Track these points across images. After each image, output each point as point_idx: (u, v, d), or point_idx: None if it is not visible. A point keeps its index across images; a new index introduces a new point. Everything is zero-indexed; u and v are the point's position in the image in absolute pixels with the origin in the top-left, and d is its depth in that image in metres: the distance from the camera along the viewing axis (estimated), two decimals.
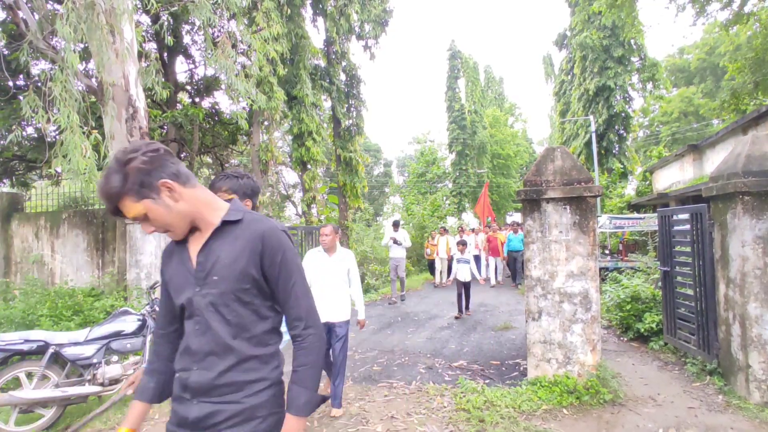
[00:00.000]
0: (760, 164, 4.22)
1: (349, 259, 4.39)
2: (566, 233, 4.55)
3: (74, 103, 5.59)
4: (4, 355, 4.00)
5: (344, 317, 4.17)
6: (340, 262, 4.29)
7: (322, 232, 4.24)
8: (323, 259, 4.23)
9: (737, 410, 3.97)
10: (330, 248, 4.23)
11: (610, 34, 21.05)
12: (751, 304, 4.12)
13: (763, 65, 10.83)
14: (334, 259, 4.28)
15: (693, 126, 31.93)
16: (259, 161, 12.43)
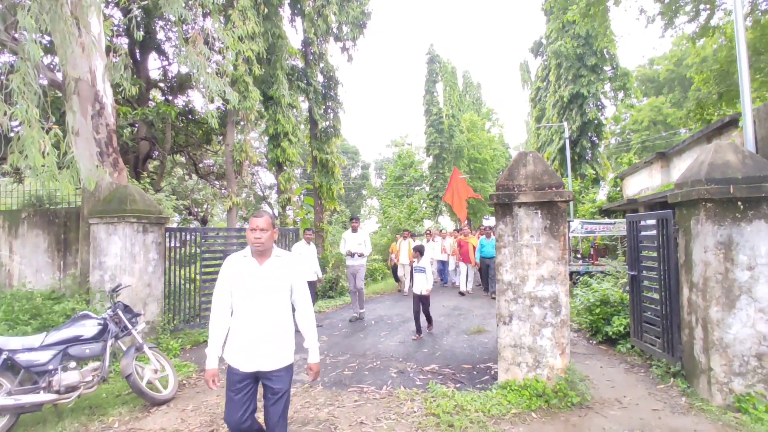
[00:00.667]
0: (722, 172, 4.34)
1: (292, 268, 2.94)
2: (537, 237, 4.59)
3: (33, 97, 5.33)
4: None
5: (283, 362, 2.82)
6: (278, 272, 2.86)
7: (251, 224, 2.80)
8: (250, 268, 2.83)
9: (700, 412, 4.06)
10: (262, 252, 2.83)
11: (584, 43, 21.56)
12: (713, 308, 4.23)
13: (727, 77, 11.24)
14: (267, 270, 2.85)
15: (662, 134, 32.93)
16: (233, 161, 12.20)
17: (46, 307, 5.83)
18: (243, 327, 2.78)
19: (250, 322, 2.78)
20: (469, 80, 47.38)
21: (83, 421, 4.16)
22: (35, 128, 5.40)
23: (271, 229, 2.84)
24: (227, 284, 2.84)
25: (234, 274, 2.83)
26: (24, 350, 4.03)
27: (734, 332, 4.17)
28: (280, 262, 2.90)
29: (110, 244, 6.32)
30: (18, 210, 7.67)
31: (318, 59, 15.49)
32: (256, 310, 2.78)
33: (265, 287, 2.80)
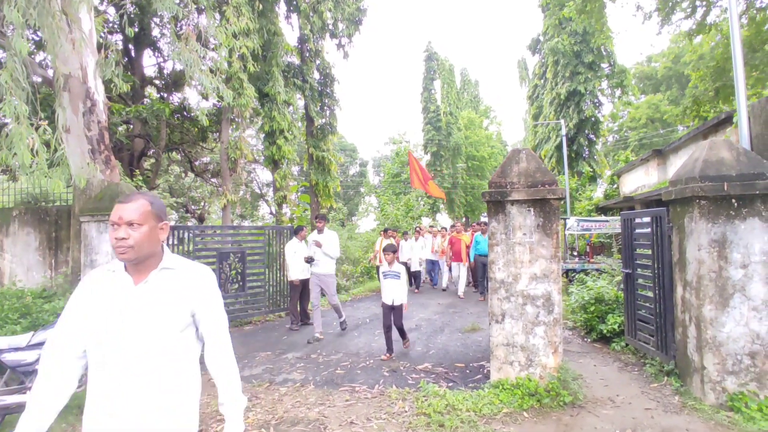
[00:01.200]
0: (716, 169, 4.30)
1: (195, 285, 1.71)
2: (530, 235, 4.55)
3: (22, 93, 5.27)
4: None
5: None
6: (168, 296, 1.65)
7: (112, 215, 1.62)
8: (119, 291, 1.64)
9: (693, 411, 4.03)
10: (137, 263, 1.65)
11: (581, 40, 21.52)
12: (706, 306, 4.20)
13: (724, 74, 11.21)
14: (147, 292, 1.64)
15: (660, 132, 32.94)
16: (227, 159, 12.14)
17: (36, 306, 5.78)
18: (103, 395, 1.57)
19: (115, 386, 1.56)
20: (467, 78, 47.33)
21: (71, 421, 4.11)
22: (24, 124, 5.34)
23: (150, 223, 1.64)
24: (76, 319, 1.64)
25: (91, 302, 1.63)
26: (10, 350, 3.98)
27: (727, 331, 4.14)
28: (170, 278, 1.68)
29: (101, 242, 6.26)
30: (9, 208, 7.61)
31: (314, 56, 15.44)
32: (125, 363, 1.57)
33: (143, 321, 1.60)
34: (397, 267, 6.03)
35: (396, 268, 6.00)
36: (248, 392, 4.79)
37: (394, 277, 5.95)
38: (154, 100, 13.84)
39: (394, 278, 5.95)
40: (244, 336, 7.49)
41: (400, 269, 6.02)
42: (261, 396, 4.67)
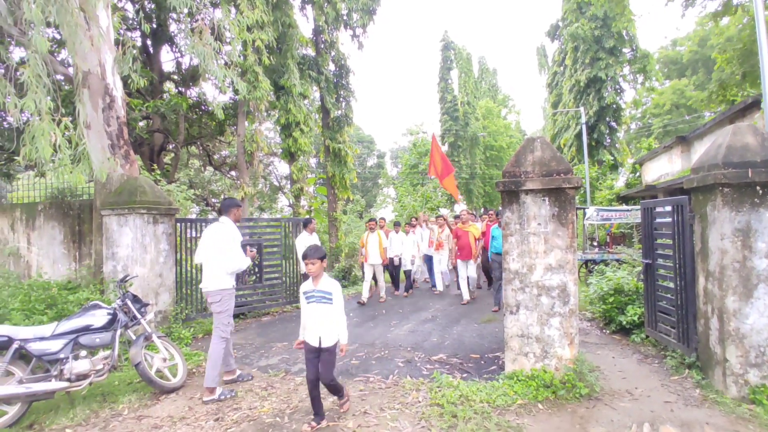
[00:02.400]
0: (741, 155, 4.15)
1: None
2: (545, 225, 4.48)
3: (43, 89, 5.39)
4: None
5: None
6: None
7: None
8: None
9: (714, 405, 3.93)
10: None
11: (602, 24, 20.94)
12: (729, 297, 4.08)
13: (751, 56, 10.77)
14: None
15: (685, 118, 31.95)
16: (244, 152, 12.25)
17: (62, 297, 5.97)
18: None
19: None
20: (485, 66, 46.66)
21: (94, 408, 4.25)
22: (46, 120, 5.48)
23: None
24: None
25: None
26: (36, 339, 4.12)
27: (751, 322, 4.01)
28: None
29: (122, 235, 6.41)
30: (34, 203, 7.85)
31: (329, 47, 15.39)
32: None
33: None
34: (329, 285, 3.78)
35: (326, 287, 3.76)
36: (264, 382, 4.88)
37: (320, 301, 3.74)
38: (173, 95, 14.03)
39: (320, 302, 3.74)
40: (262, 327, 7.60)
41: (332, 288, 3.76)
42: (276, 385, 4.74)
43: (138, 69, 7.32)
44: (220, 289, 4.64)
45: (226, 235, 4.71)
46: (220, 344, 4.60)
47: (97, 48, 7.02)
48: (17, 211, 7.67)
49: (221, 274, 4.64)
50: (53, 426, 3.93)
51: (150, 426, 3.90)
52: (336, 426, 3.72)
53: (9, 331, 4.04)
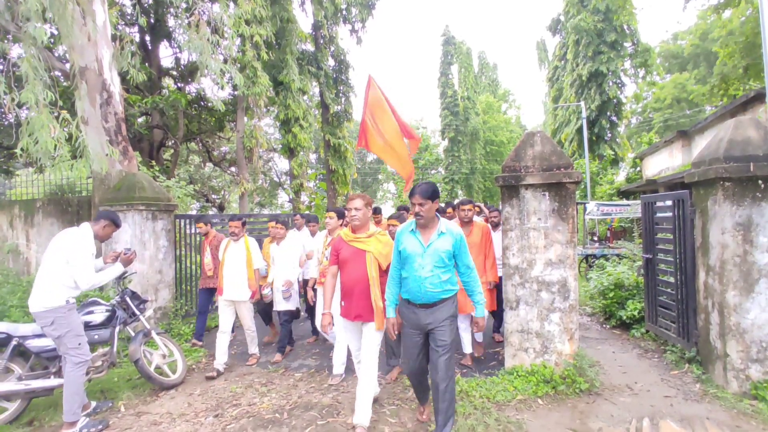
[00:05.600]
0: (742, 149, 4.12)
1: None
2: (545, 220, 4.45)
3: (41, 81, 5.36)
4: None
5: None
6: None
7: None
8: None
9: (714, 399, 3.92)
10: None
11: (603, 18, 20.81)
12: (729, 292, 4.06)
13: (754, 50, 10.70)
14: None
15: (686, 113, 31.82)
16: (243, 148, 12.22)
17: None
18: None
19: None
20: (485, 61, 46.47)
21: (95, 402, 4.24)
22: (44, 113, 5.44)
23: None
24: None
25: None
26: (35, 336, 4.10)
27: (752, 317, 3.99)
28: None
29: (120, 231, 6.36)
30: (33, 200, 7.83)
31: (328, 43, 15.33)
32: None
33: None
34: None
35: None
36: (264, 377, 4.87)
37: None
38: (172, 90, 13.98)
39: None
40: (263, 322, 7.58)
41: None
42: (276, 381, 4.73)
43: (136, 64, 7.27)
44: (48, 308, 3.72)
45: (75, 244, 3.88)
46: (75, 371, 3.77)
47: (94, 43, 6.97)
48: (16, 208, 7.66)
49: (51, 289, 3.76)
50: (52, 423, 3.93)
51: (149, 422, 3.89)
52: (335, 422, 3.71)
53: (8, 328, 4.03)
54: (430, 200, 3.17)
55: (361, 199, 3.62)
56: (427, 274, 3.14)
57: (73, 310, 3.92)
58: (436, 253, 3.15)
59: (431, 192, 3.19)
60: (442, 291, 3.18)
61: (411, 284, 3.21)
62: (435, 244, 3.17)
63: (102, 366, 4.38)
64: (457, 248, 3.19)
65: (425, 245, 3.18)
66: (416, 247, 3.21)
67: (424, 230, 3.25)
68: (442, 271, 3.18)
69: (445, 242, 3.17)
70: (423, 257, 3.16)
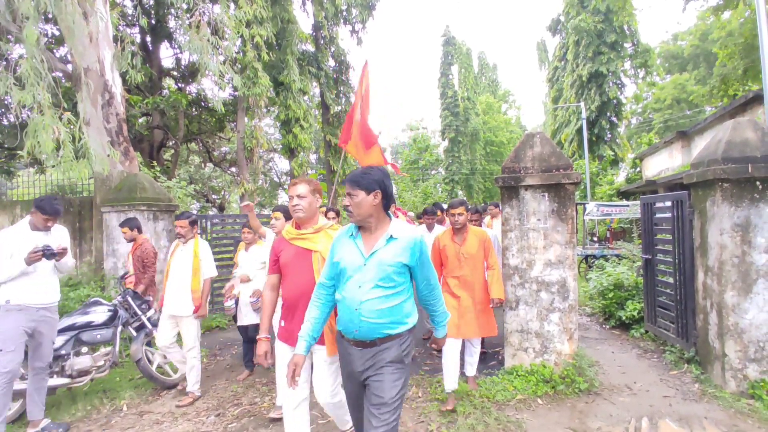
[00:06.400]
0: (740, 151, 4.14)
1: None
2: (544, 221, 4.48)
3: (42, 82, 5.38)
4: None
5: None
6: None
7: None
8: None
9: (712, 399, 3.95)
10: None
11: (603, 18, 20.84)
12: (728, 292, 4.08)
13: (753, 51, 10.72)
14: None
15: (686, 113, 31.84)
16: (243, 148, 12.25)
17: (63, 294, 5.97)
18: None
19: None
20: (485, 62, 46.52)
21: (95, 404, 4.27)
22: (47, 114, 5.47)
23: None
24: None
25: None
26: None
27: (750, 317, 4.02)
28: None
29: (121, 232, 6.41)
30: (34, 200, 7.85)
31: (329, 43, 15.36)
32: None
33: None
34: None
35: None
36: (265, 377, 4.89)
37: None
38: (172, 91, 14.01)
39: None
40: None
41: None
42: None
43: (137, 65, 7.30)
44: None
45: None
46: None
47: (95, 44, 7.01)
48: (17, 208, 7.68)
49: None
50: (55, 422, 3.95)
51: (151, 421, 3.92)
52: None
53: None
54: (364, 191, 2.24)
55: (306, 185, 2.80)
56: (366, 296, 2.20)
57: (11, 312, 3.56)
58: (380, 267, 2.21)
59: (369, 181, 2.25)
60: (389, 323, 2.22)
61: (343, 310, 2.30)
62: (380, 254, 2.23)
63: (104, 365, 4.41)
64: (414, 259, 2.26)
65: (366, 255, 2.25)
66: (354, 258, 2.28)
67: (367, 234, 2.32)
68: (388, 293, 2.22)
69: (394, 251, 2.23)
70: (362, 272, 2.23)
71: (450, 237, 4.19)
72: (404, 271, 2.26)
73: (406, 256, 2.24)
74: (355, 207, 2.25)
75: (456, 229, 4.15)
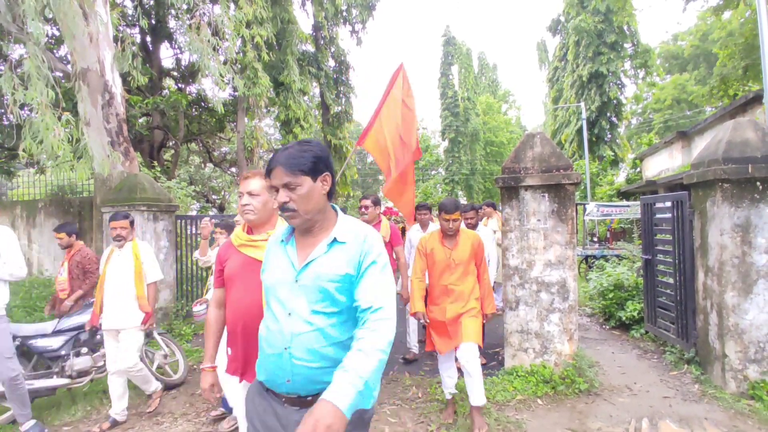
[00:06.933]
0: (741, 151, 4.14)
1: None
2: (544, 221, 4.48)
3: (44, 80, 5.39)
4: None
5: None
6: None
7: None
8: None
9: (713, 400, 3.95)
10: None
11: (603, 19, 20.86)
12: (728, 293, 4.08)
13: (753, 51, 10.73)
14: None
15: (686, 113, 31.85)
16: (243, 148, 12.26)
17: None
18: None
19: None
20: (485, 62, 46.52)
21: (95, 405, 4.27)
22: (47, 114, 5.48)
23: None
24: None
25: None
26: (37, 336, 4.14)
27: (750, 318, 4.02)
28: None
29: None
30: (35, 200, 7.86)
31: (329, 43, 15.37)
32: None
33: None
34: None
35: None
36: None
37: None
38: (172, 91, 14.00)
39: None
40: None
41: None
42: None
43: (137, 65, 7.31)
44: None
45: None
46: None
47: (95, 44, 7.01)
48: (17, 209, 7.69)
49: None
50: (55, 422, 3.96)
51: (151, 422, 3.92)
52: None
53: (11, 329, 4.06)
54: (310, 176, 1.57)
55: (260, 179, 2.26)
56: (298, 328, 1.54)
57: None
58: (317, 283, 1.55)
59: (313, 161, 1.59)
60: (332, 366, 1.44)
61: (267, 350, 1.61)
62: (318, 264, 1.57)
63: (104, 366, 4.40)
64: (361, 270, 1.56)
65: (298, 266, 1.60)
66: (283, 272, 1.62)
67: (305, 238, 1.66)
68: (332, 321, 1.56)
69: (339, 259, 1.57)
70: (293, 291, 1.57)
71: (439, 239, 3.68)
72: (347, 287, 1.56)
73: (354, 264, 1.56)
74: (300, 202, 1.55)
75: (447, 235, 3.67)
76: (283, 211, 1.59)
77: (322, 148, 1.65)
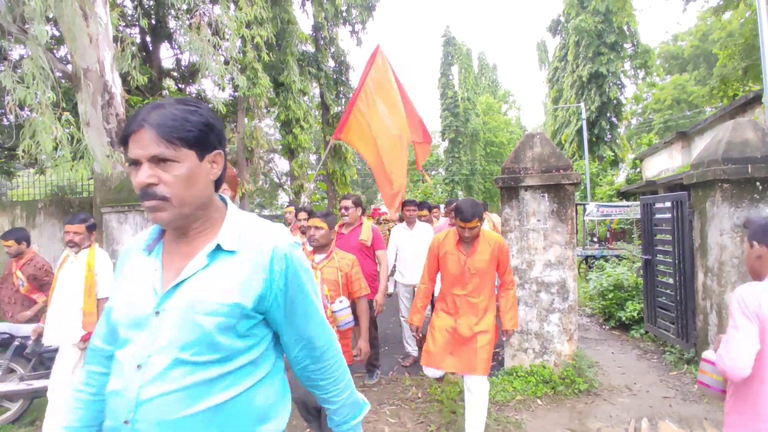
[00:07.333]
0: (740, 151, 4.14)
1: None
2: (544, 222, 4.48)
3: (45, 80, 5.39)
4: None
5: None
6: None
7: None
8: None
9: (712, 400, 3.93)
10: None
11: (603, 19, 20.86)
12: (728, 293, 4.08)
13: (753, 51, 10.73)
14: None
15: (686, 114, 31.85)
16: (243, 149, 12.26)
17: None
18: None
19: None
20: (485, 62, 46.50)
21: None
22: (47, 114, 5.48)
23: None
24: None
25: None
26: None
27: None
28: None
29: (122, 232, 6.41)
30: (35, 200, 7.86)
31: (329, 44, 15.37)
32: None
33: None
34: None
35: None
36: None
37: None
38: (172, 92, 14.01)
39: None
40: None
41: None
42: None
43: (137, 66, 7.30)
44: None
45: None
46: None
47: (95, 44, 7.01)
48: (17, 209, 7.69)
49: None
50: None
51: None
52: None
53: (10, 329, 4.07)
54: (195, 151, 1.05)
55: None
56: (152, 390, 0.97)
57: None
58: (188, 317, 1.00)
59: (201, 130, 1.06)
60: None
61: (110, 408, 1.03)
62: (190, 287, 1.04)
63: None
64: (274, 295, 1.08)
65: (161, 291, 1.05)
66: (139, 296, 1.07)
67: (178, 244, 1.12)
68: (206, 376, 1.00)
69: (225, 279, 1.04)
70: (149, 330, 1.02)
71: (454, 243, 3.17)
72: (248, 325, 1.05)
73: (255, 288, 1.05)
74: (175, 187, 1.02)
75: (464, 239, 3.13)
76: (146, 198, 1.02)
77: (214, 116, 1.12)
